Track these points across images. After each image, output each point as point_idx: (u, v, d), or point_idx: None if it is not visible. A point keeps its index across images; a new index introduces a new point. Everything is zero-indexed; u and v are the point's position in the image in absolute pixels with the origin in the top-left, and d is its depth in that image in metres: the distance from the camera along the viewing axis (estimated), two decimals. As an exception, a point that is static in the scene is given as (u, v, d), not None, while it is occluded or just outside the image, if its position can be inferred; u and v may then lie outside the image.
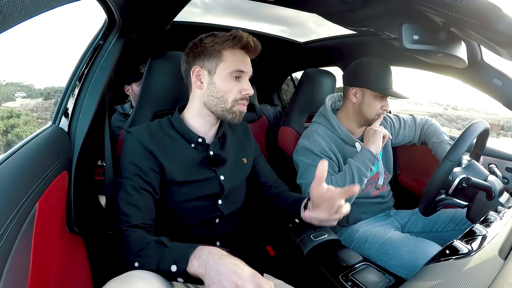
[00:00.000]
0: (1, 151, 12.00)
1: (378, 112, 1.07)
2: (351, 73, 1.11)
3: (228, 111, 0.76)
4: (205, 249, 0.51)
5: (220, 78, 0.74)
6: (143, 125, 0.76)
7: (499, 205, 0.77)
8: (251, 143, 0.93)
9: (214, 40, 0.73)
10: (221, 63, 0.74)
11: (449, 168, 0.78)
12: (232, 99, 0.75)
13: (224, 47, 0.73)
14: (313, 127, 1.14)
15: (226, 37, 0.73)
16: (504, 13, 0.57)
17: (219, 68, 0.74)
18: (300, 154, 1.09)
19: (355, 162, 1.00)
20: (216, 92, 0.75)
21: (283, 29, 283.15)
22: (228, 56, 0.74)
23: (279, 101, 2.34)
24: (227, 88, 0.74)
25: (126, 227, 0.63)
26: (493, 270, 0.44)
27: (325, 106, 1.16)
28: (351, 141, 1.10)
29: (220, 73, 0.74)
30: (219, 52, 0.73)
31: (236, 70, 0.74)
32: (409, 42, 0.72)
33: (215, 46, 0.73)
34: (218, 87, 0.74)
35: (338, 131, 1.10)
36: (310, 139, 1.08)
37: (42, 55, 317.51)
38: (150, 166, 0.71)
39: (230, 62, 0.74)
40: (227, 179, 0.80)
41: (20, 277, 0.47)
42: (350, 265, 0.89)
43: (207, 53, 0.74)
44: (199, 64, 0.75)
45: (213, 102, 0.75)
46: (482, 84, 1.05)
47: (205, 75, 0.75)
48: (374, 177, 1.15)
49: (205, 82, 0.75)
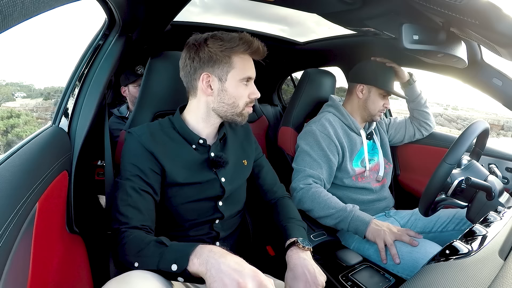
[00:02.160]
0: (1, 151, 12.00)
1: (380, 109, 1.16)
2: (359, 71, 1.19)
3: (238, 115, 0.77)
4: (206, 248, 0.51)
5: (232, 85, 0.73)
6: (143, 126, 0.76)
7: (499, 205, 0.77)
8: (252, 144, 0.92)
9: (223, 45, 0.71)
10: (231, 70, 0.72)
11: (447, 170, 0.77)
12: (243, 103, 0.76)
13: (235, 53, 0.72)
14: (321, 114, 1.21)
15: (235, 41, 0.71)
16: (504, 13, 0.57)
17: (230, 75, 0.73)
18: (302, 138, 1.16)
19: (354, 222, 0.95)
20: (227, 98, 0.74)
21: (283, 28, 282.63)
22: (238, 62, 0.73)
23: (279, 101, 2.34)
24: (239, 94, 0.74)
25: (125, 228, 0.62)
26: (493, 270, 0.44)
27: (332, 99, 1.25)
28: (356, 129, 1.18)
29: (231, 80, 0.73)
30: (229, 58, 0.72)
31: (246, 77, 0.74)
32: (409, 42, 0.72)
33: (225, 51, 0.71)
34: (230, 94, 0.74)
35: (347, 117, 1.17)
36: (317, 123, 1.15)
37: (42, 55, 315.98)
38: (151, 167, 0.70)
39: (241, 70, 0.73)
40: (228, 181, 0.80)
41: (20, 277, 0.47)
42: (350, 265, 0.89)
43: (216, 59, 0.72)
44: (208, 71, 0.73)
45: (224, 108, 0.75)
46: (482, 84, 1.05)
47: (215, 82, 0.74)
48: (375, 168, 1.19)
49: (215, 89, 0.74)
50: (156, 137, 0.74)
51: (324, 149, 1.09)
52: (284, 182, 1.00)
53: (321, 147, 1.09)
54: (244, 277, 0.45)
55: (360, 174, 1.14)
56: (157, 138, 0.74)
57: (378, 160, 1.20)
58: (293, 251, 0.72)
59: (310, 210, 1.02)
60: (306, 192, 1.02)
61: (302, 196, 1.03)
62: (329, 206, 0.98)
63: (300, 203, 1.03)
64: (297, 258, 0.70)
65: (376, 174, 1.18)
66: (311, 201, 1.01)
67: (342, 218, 0.96)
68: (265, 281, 0.45)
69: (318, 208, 1.00)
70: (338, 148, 1.11)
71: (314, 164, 1.07)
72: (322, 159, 1.08)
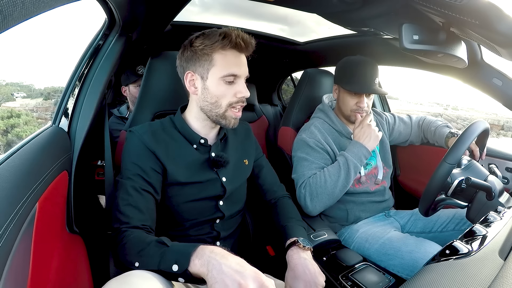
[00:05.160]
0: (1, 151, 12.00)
1: (352, 109, 1.09)
2: (335, 71, 1.18)
3: (221, 117, 0.74)
4: (207, 248, 0.51)
5: (213, 84, 0.71)
6: (145, 125, 0.76)
7: (499, 205, 0.77)
8: (253, 144, 0.93)
9: (203, 42, 0.69)
10: (212, 67, 0.70)
11: (447, 170, 0.77)
12: (227, 103, 0.73)
13: (214, 50, 0.69)
14: (311, 121, 1.18)
15: (215, 38, 0.69)
16: (504, 13, 0.57)
17: (211, 73, 0.71)
18: (296, 149, 1.13)
19: (352, 159, 1.01)
20: (210, 97, 0.73)
21: (283, 28, 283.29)
22: (219, 59, 0.70)
23: (279, 101, 2.34)
24: (221, 93, 0.72)
25: (126, 228, 0.62)
26: (493, 270, 0.44)
27: (323, 102, 1.22)
28: (347, 133, 1.14)
29: (212, 78, 0.71)
30: (209, 55, 0.70)
31: (228, 74, 0.71)
32: (409, 42, 0.72)
33: (205, 49, 0.69)
34: (211, 92, 0.72)
35: (336, 123, 1.14)
36: (307, 131, 1.12)
37: (42, 55, 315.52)
38: (152, 166, 0.70)
39: (222, 66, 0.70)
40: (229, 180, 0.80)
41: (20, 277, 0.47)
42: (350, 265, 0.89)
43: (197, 57, 0.71)
44: (191, 69, 0.73)
45: (208, 107, 0.74)
46: (482, 84, 1.05)
47: (199, 80, 0.73)
48: (372, 172, 1.16)
49: (199, 88, 0.73)
50: (158, 136, 0.74)
51: (319, 152, 1.08)
52: (284, 182, 1.00)
53: (316, 150, 1.08)
54: (246, 278, 0.45)
55: (356, 180, 1.11)
56: (159, 137, 0.74)
57: (376, 164, 1.17)
58: (294, 251, 0.72)
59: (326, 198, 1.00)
60: (309, 190, 1.02)
61: (307, 196, 1.02)
62: (332, 179, 0.99)
63: (312, 204, 1.01)
64: (297, 258, 0.70)
65: (374, 178, 1.15)
66: (317, 193, 1.00)
67: (346, 170, 0.99)
68: (266, 282, 0.45)
69: (329, 189, 0.99)
70: (330, 154, 1.09)
71: (312, 165, 1.06)
72: (320, 160, 1.07)
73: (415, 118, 1.31)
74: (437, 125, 1.19)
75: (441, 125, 1.18)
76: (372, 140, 1.04)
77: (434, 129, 1.19)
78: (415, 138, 1.29)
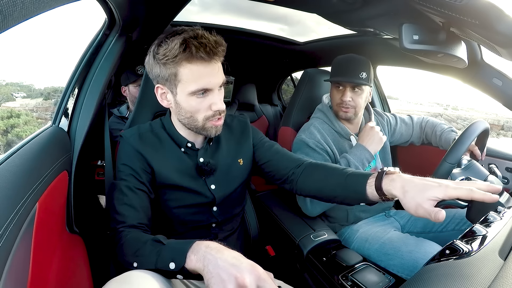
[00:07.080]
0: (1, 151, 11.99)
1: (337, 102, 1.09)
2: None
3: (201, 129, 0.70)
4: (203, 244, 0.51)
5: (183, 100, 0.66)
6: (134, 128, 0.76)
7: (499, 205, 0.76)
8: (249, 139, 0.85)
9: (165, 54, 0.61)
10: (178, 83, 0.64)
11: (447, 170, 0.77)
12: (202, 117, 0.68)
13: (178, 63, 0.62)
14: (310, 121, 1.17)
15: (176, 49, 0.60)
16: (504, 13, 0.57)
17: (179, 89, 0.65)
18: (295, 149, 1.12)
19: (354, 162, 1.00)
20: (184, 112, 0.68)
21: (283, 28, 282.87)
22: (184, 74, 0.63)
23: (279, 101, 2.34)
24: (194, 108, 0.66)
25: (122, 228, 0.63)
26: (493, 270, 0.44)
27: (322, 102, 1.21)
28: (346, 134, 1.12)
29: (181, 94, 0.65)
30: (173, 69, 0.63)
31: (197, 90, 0.64)
32: (409, 42, 0.72)
33: (168, 63, 0.62)
34: (184, 108, 0.67)
35: (334, 123, 1.13)
36: (306, 132, 1.11)
37: (42, 55, 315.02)
38: (142, 167, 0.71)
39: (189, 81, 0.63)
40: (219, 187, 0.78)
41: (20, 277, 0.47)
42: (350, 265, 0.89)
43: (162, 70, 0.64)
44: (160, 83, 0.67)
45: (185, 121, 0.70)
46: (482, 84, 1.05)
47: (169, 94, 0.68)
48: None
49: (172, 102, 0.69)
50: (145, 138, 0.74)
51: (319, 153, 1.07)
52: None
53: (316, 151, 1.07)
54: (242, 271, 0.44)
55: None
56: (146, 140, 0.74)
57: (375, 165, 1.16)
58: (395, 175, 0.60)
59: None
60: None
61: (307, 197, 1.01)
62: None
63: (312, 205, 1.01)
64: None
65: None
66: None
67: None
68: (263, 275, 0.45)
69: None
70: (330, 155, 1.09)
71: None
72: (320, 161, 1.06)
73: (417, 119, 1.29)
74: (443, 130, 1.17)
75: (447, 129, 1.17)
76: (375, 143, 1.03)
77: (440, 133, 1.17)
78: (416, 139, 1.29)
